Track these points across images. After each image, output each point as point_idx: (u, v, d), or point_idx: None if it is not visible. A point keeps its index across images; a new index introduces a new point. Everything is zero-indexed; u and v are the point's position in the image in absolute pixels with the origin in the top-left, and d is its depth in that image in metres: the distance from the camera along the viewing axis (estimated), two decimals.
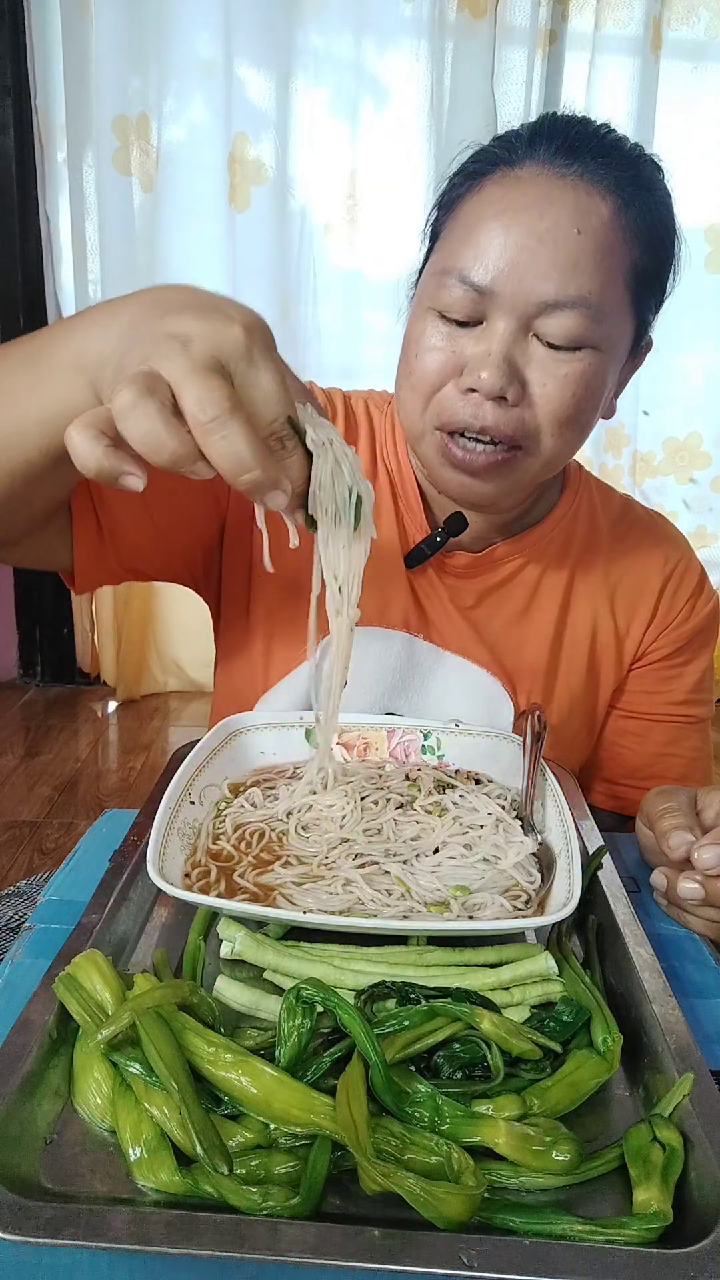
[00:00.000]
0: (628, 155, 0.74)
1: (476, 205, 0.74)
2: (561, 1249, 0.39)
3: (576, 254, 0.70)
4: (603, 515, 0.95)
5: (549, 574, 0.92)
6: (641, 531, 0.96)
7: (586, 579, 0.93)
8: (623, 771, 0.97)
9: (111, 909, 0.58)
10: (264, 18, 2.33)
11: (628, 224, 0.73)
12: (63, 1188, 0.43)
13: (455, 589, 0.90)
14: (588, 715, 0.95)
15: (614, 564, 0.94)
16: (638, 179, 0.74)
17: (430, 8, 2.35)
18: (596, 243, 0.71)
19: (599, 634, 0.93)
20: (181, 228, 2.47)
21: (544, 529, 0.91)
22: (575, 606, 0.93)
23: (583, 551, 0.93)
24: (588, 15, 2.43)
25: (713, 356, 2.72)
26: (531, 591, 0.91)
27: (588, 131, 0.74)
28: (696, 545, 2.74)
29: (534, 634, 0.92)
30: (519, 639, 0.91)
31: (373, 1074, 0.45)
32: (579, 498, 0.94)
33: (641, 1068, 0.51)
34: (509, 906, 0.60)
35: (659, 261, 0.77)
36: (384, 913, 0.59)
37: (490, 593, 0.91)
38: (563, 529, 0.92)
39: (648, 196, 0.75)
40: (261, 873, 0.63)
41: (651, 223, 0.75)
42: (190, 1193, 0.42)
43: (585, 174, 0.72)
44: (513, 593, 0.91)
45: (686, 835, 0.63)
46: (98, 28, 2.30)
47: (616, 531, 0.95)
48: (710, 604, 0.96)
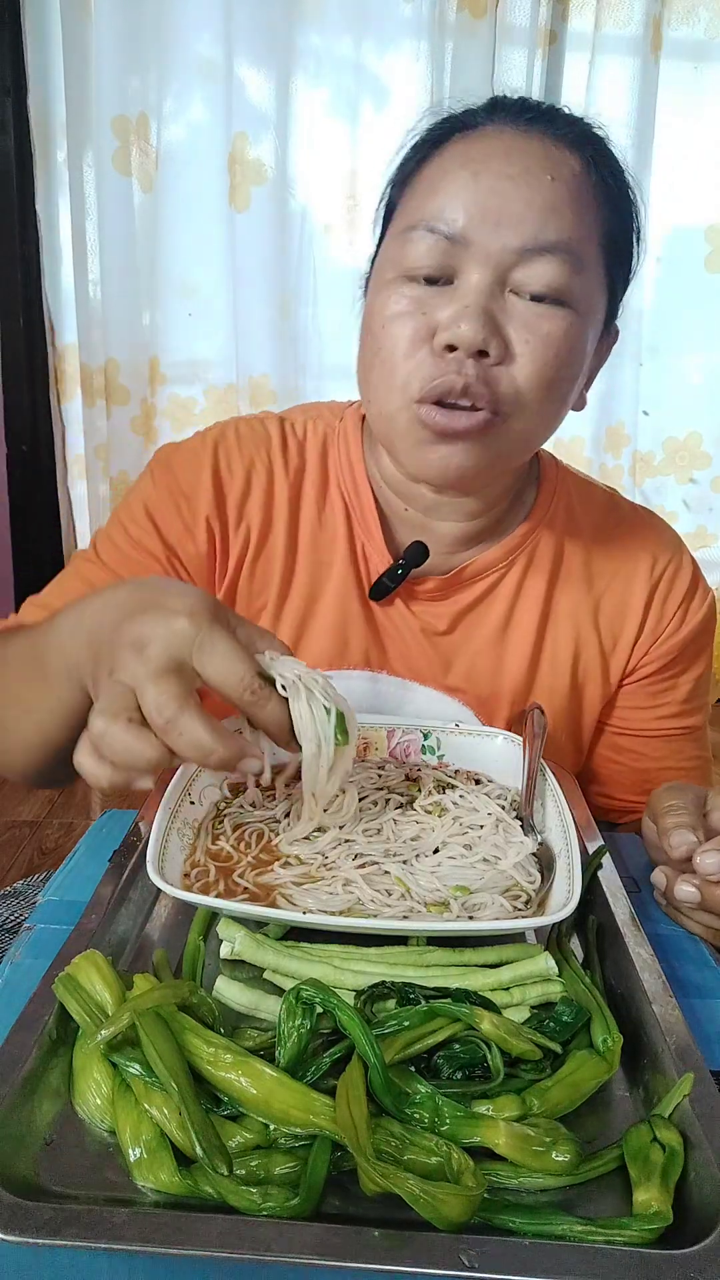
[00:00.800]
0: (590, 126, 0.73)
1: (439, 163, 0.71)
2: (561, 1249, 0.39)
3: (553, 198, 0.67)
4: (583, 517, 0.89)
5: (527, 587, 0.87)
6: (627, 532, 0.90)
7: (568, 592, 0.88)
8: (619, 788, 0.94)
9: (111, 909, 0.58)
10: (264, 18, 2.33)
11: (598, 182, 0.70)
12: (62, 1188, 0.43)
13: (426, 615, 0.86)
14: (573, 733, 0.91)
15: (598, 574, 0.88)
16: (599, 145, 0.72)
17: (430, 8, 2.35)
18: (571, 191, 0.68)
19: (582, 652, 0.88)
20: (181, 228, 2.47)
21: (518, 537, 0.86)
22: (556, 623, 0.88)
23: (563, 560, 0.87)
24: (588, 15, 2.43)
25: (713, 356, 2.72)
26: (508, 607, 0.86)
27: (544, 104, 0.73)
28: (696, 545, 2.74)
29: (512, 654, 0.87)
30: (495, 661, 0.87)
31: (371, 1076, 0.45)
32: (555, 501, 0.88)
33: (641, 1068, 0.51)
34: (509, 907, 0.60)
35: (626, 231, 0.74)
36: (384, 913, 0.59)
37: (464, 614, 0.86)
38: (540, 535, 0.87)
39: (612, 162, 0.72)
40: (261, 873, 0.63)
41: (619, 187, 0.73)
42: (190, 1193, 0.42)
43: (550, 132, 0.69)
44: (488, 611, 0.87)
45: (688, 835, 0.62)
46: (98, 28, 2.29)
47: (600, 534, 0.89)
48: (705, 607, 0.90)
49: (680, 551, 0.91)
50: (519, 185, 0.66)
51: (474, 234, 0.67)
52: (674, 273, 2.60)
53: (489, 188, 0.67)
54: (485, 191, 0.67)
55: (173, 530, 0.84)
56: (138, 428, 2.61)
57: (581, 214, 0.68)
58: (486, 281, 0.67)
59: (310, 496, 0.86)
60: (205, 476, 0.83)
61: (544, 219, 0.67)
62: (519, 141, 0.69)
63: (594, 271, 0.71)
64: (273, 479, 0.85)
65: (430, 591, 0.85)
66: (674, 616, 0.89)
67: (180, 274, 2.51)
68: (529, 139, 0.69)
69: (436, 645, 0.87)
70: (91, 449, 2.58)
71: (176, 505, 0.84)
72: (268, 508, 0.85)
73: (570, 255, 0.67)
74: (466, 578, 0.85)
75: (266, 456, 0.85)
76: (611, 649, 0.89)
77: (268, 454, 0.85)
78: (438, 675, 0.87)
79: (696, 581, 0.91)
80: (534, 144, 0.68)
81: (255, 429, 0.87)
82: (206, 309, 2.54)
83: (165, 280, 2.52)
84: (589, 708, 0.91)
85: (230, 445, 0.85)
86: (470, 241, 0.67)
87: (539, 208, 0.67)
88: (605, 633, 0.89)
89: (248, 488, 0.84)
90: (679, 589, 0.89)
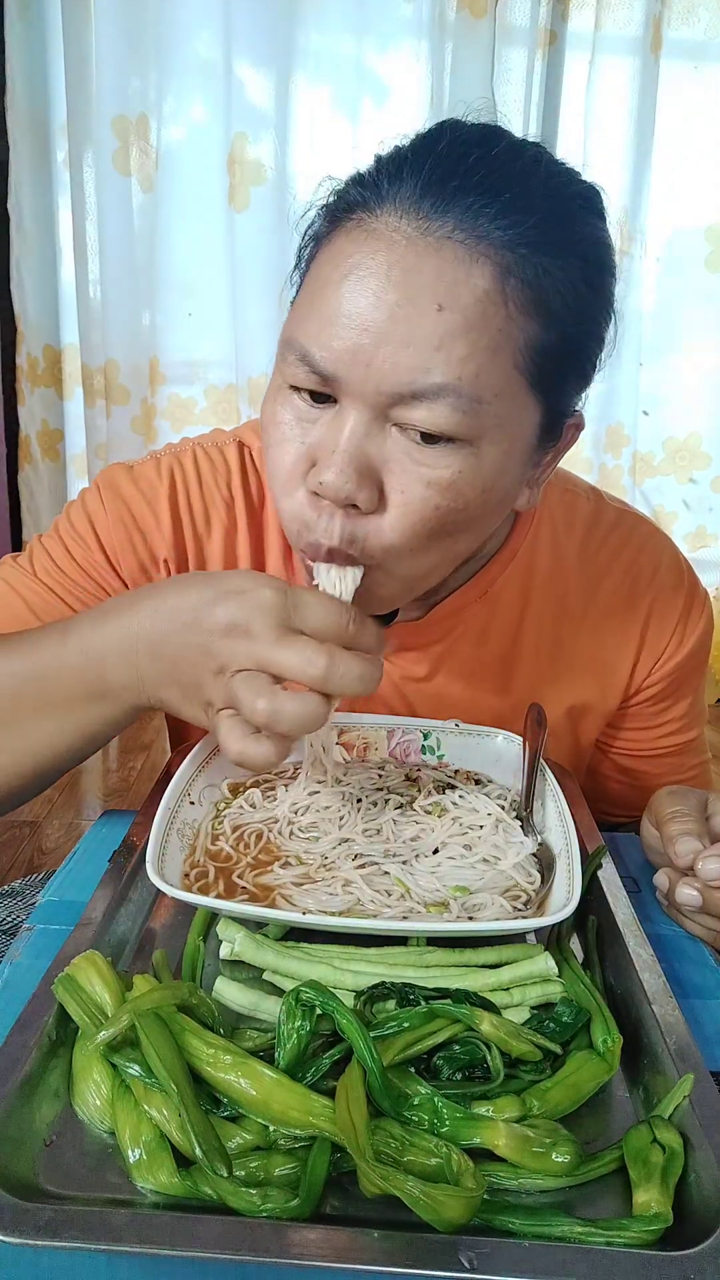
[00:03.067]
0: (533, 196, 0.57)
1: (325, 260, 0.60)
2: (561, 1251, 0.39)
3: (437, 334, 0.55)
4: (566, 541, 0.82)
5: (506, 623, 0.81)
6: (613, 551, 0.83)
7: (551, 624, 0.82)
8: (622, 805, 0.93)
9: (111, 909, 0.58)
10: (264, 18, 2.33)
11: (518, 293, 0.57)
12: (62, 1189, 0.42)
13: (404, 663, 0.82)
14: (571, 758, 0.88)
15: (584, 602, 0.82)
16: (544, 230, 0.57)
17: (430, 8, 2.35)
18: (467, 320, 0.56)
19: (573, 683, 0.84)
20: (181, 228, 2.47)
21: (495, 568, 0.79)
22: (541, 657, 0.83)
23: (544, 591, 0.81)
24: (588, 15, 2.43)
25: (713, 356, 2.71)
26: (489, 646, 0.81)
27: (476, 161, 0.57)
28: (696, 545, 2.74)
29: (498, 692, 0.83)
30: (480, 702, 0.83)
31: (370, 1080, 0.45)
32: (535, 525, 0.81)
33: (641, 1069, 0.51)
34: (509, 907, 0.60)
35: (574, 338, 0.61)
36: (384, 913, 0.59)
37: (443, 659, 0.82)
38: (519, 565, 0.80)
39: (556, 253, 0.58)
40: (260, 873, 0.63)
41: (560, 288, 0.58)
42: (189, 1194, 0.42)
43: (460, 227, 0.56)
44: (468, 652, 0.82)
45: (694, 843, 0.61)
46: (98, 28, 2.30)
47: (585, 553, 0.82)
48: (702, 621, 0.85)
49: (672, 561, 0.85)
50: (396, 321, 0.55)
51: (344, 374, 0.57)
52: (674, 273, 2.60)
53: (361, 323, 0.56)
54: (356, 329, 0.56)
55: (127, 563, 0.79)
56: (138, 428, 2.62)
57: (481, 342, 0.56)
58: (363, 419, 0.58)
59: (274, 535, 0.81)
60: (163, 512, 0.79)
61: (424, 361, 0.56)
62: (410, 255, 0.56)
63: (505, 399, 0.59)
64: (234, 518, 0.81)
65: (405, 640, 0.81)
66: (670, 639, 0.84)
67: (180, 274, 2.51)
68: (424, 248, 0.56)
69: (420, 691, 0.84)
70: (92, 449, 2.58)
71: (130, 539, 0.79)
72: (229, 549, 0.81)
73: (459, 398, 0.56)
74: (441, 620, 0.80)
75: (227, 490, 0.80)
76: (605, 676, 0.85)
77: (228, 488, 0.80)
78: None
79: (692, 597, 0.85)
80: (428, 258, 0.56)
81: (214, 459, 0.81)
82: (206, 309, 2.54)
83: (165, 280, 2.52)
84: (585, 734, 0.88)
85: (189, 478, 0.80)
86: (341, 380, 0.58)
87: (418, 348, 0.55)
88: (596, 661, 0.84)
89: (208, 527, 0.80)
90: (672, 611, 0.83)
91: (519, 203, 0.56)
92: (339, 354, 0.57)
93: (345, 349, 0.57)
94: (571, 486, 0.85)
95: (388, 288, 0.56)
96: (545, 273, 0.58)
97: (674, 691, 0.87)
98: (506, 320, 0.57)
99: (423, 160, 0.58)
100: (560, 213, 0.59)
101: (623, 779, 0.93)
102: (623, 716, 0.88)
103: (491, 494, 0.62)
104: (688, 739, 0.90)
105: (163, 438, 2.61)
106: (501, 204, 0.56)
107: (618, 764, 0.92)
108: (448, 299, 0.55)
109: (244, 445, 0.82)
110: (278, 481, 0.63)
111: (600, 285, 0.62)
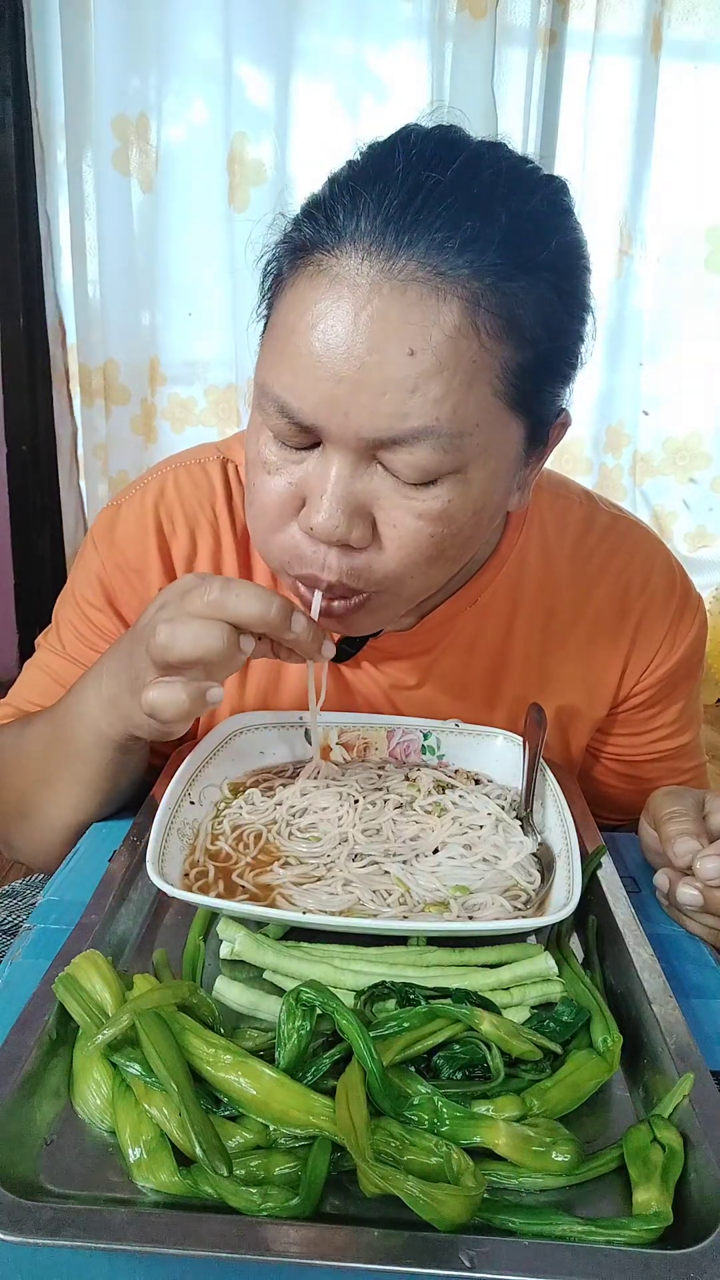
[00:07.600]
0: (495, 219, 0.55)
1: (289, 305, 0.59)
2: (561, 1250, 0.39)
3: (411, 379, 0.55)
4: (558, 544, 0.82)
5: (496, 631, 0.81)
6: (605, 558, 0.82)
7: (541, 633, 0.82)
8: (616, 809, 0.93)
9: (111, 909, 0.58)
10: (264, 18, 2.33)
11: (488, 322, 0.55)
12: (62, 1188, 0.43)
13: (395, 672, 0.82)
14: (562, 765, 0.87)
15: (574, 610, 0.82)
16: (510, 253, 0.55)
17: (430, 8, 2.35)
18: (439, 360, 0.55)
19: (561, 691, 0.84)
20: (181, 228, 2.47)
21: (486, 575, 0.79)
22: (530, 665, 0.82)
23: (534, 599, 0.81)
24: (588, 15, 2.42)
25: (713, 356, 2.71)
26: (479, 655, 0.82)
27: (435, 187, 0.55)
28: (696, 546, 2.74)
29: (487, 700, 0.83)
30: (470, 710, 0.82)
31: (370, 1081, 0.45)
32: (526, 531, 0.80)
33: (641, 1068, 0.51)
34: (509, 907, 0.60)
35: (550, 351, 0.60)
36: (384, 913, 0.59)
37: (433, 667, 0.82)
38: (509, 573, 0.80)
39: (524, 274, 0.56)
40: (260, 873, 0.63)
41: (531, 306, 0.57)
42: (190, 1193, 0.42)
43: (425, 265, 0.54)
44: (458, 661, 0.82)
45: (692, 843, 0.62)
46: (98, 28, 2.29)
47: (576, 560, 0.82)
48: (695, 627, 0.84)
49: (664, 573, 0.83)
50: (368, 370, 0.55)
51: (324, 423, 0.57)
52: (674, 273, 2.60)
53: (334, 373, 0.55)
54: (330, 378, 0.55)
55: (130, 607, 0.81)
56: (138, 427, 2.61)
57: (456, 379, 0.55)
58: (348, 463, 0.58)
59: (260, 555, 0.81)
60: (151, 544, 0.80)
61: (400, 407, 0.55)
62: (375, 297, 0.54)
63: (486, 426, 0.58)
64: (219, 538, 0.81)
65: (395, 649, 0.81)
66: (660, 648, 0.83)
67: (180, 274, 2.51)
68: (389, 289, 0.54)
69: (410, 700, 0.83)
70: (91, 449, 2.58)
71: (129, 581, 0.81)
72: (216, 570, 0.81)
73: (439, 437, 0.56)
74: (431, 629, 0.80)
75: (211, 510, 0.80)
76: (593, 684, 0.84)
77: (212, 508, 0.80)
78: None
79: (683, 605, 0.84)
80: (392, 303, 0.54)
81: (196, 479, 0.81)
82: (206, 309, 2.54)
83: (165, 280, 2.51)
84: (574, 740, 0.88)
85: (171, 502, 0.80)
86: (321, 428, 0.58)
87: (394, 393, 0.55)
88: (584, 669, 0.84)
89: (194, 548, 0.81)
90: (663, 619, 0.83)
91: (483, 231, 0.55)
92: (316, 405, 0.57)
93: (321, 400, 0.56)
94: (564, 491, 0.85)
95: (357, 336, 0.55)
96: (514, 296, 0.56)
97: (664, 698, 0.86)
98: (480, 350, 0.56)
99: (380, 190, 0.55)
100: (526, 230, 0.56)
101: (617, 784, 0.93)
102: (612, 722, 0.88)
103: (484, 512, 0.63)
104: (680, 744, 0.90)
105: (163, 438, 2.61)
106: (464, 236, 0.54)
107: (611, 769, 0.92)
108: (418, 342, 0.54)
109: (228, 460, 0.82)
110: (264, 520, 0.64)
111: (572, 289, 0.61)
